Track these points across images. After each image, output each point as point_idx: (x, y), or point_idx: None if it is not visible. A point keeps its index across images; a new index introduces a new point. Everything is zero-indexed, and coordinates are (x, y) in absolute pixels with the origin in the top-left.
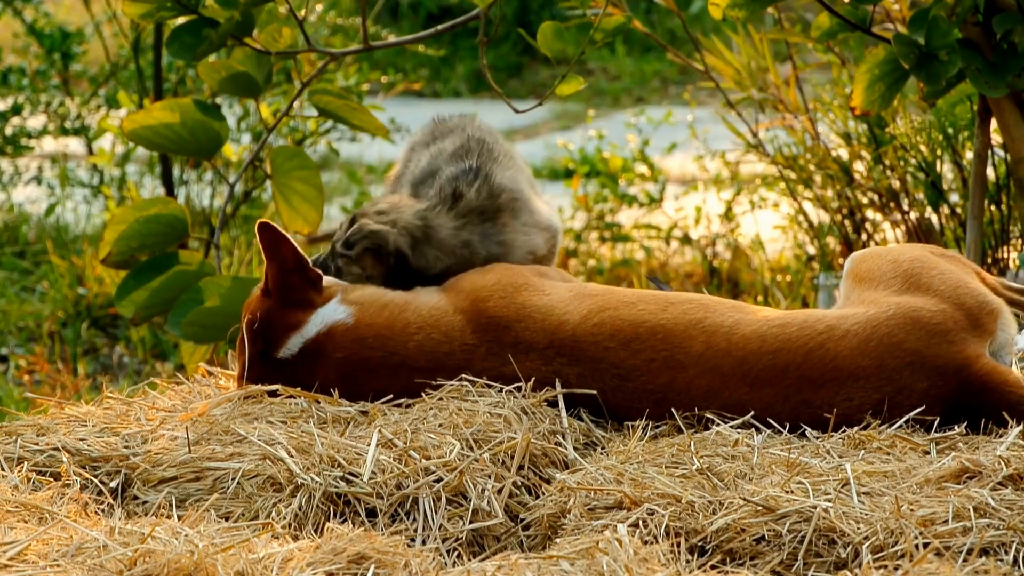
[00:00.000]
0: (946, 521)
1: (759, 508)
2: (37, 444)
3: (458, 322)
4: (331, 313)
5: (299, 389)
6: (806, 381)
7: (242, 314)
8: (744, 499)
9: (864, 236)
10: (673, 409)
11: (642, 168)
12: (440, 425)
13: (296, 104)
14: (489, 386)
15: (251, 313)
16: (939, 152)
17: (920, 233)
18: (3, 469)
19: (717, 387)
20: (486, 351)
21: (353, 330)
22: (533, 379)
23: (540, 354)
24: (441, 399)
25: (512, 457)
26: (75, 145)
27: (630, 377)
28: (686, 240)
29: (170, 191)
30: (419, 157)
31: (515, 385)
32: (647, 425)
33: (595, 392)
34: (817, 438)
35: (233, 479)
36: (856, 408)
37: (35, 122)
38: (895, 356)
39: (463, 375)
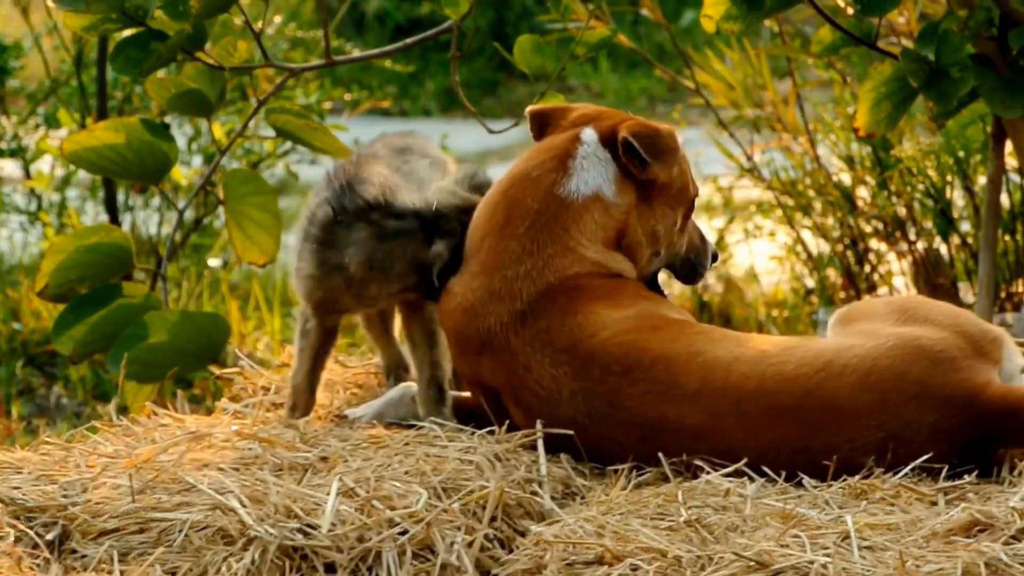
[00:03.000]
0: None
1: (752, 564)
2: None
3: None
4: None
5: (255, 433)
6: (804, 425)
7: None
8: (736, 554)
9: (867, 267)
10: (660, 450)
11: None
12: (406, 472)
13: (252, 124)
14: (460, 430)
15: None
16: (949, 177)
17: (928, 264)
18: None
19: (710, 428)
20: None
21: None
22: (508, 422)
23: (553, 357)
24: (407, 444)
25: (484, 507)
26: (11, 168)
27: (622, 406)
28: None
29: (114, 218)
30: None
31: (488, 429)
32: (631, 471)
33: (571, 432)
34: (815, 487)
35: (180, 531)
36: (860, 450)
37: None
38: (899, 389)
39: (432, 418)
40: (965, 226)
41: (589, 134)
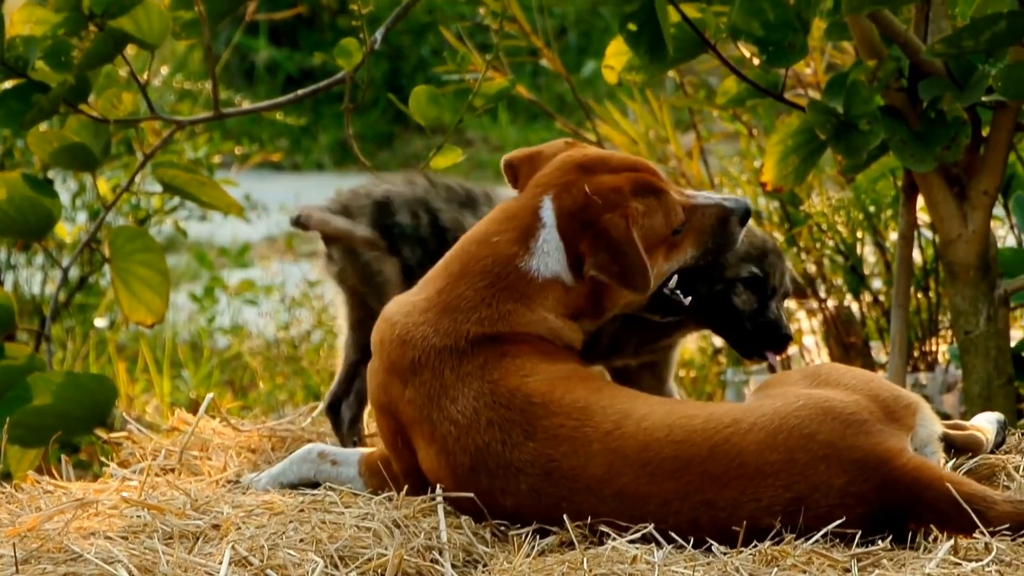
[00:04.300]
0: None
1: None
2: None
3: None
4: None
5: (144, 500)
6: (709, 478)
7: None
8: None
9: None
10: (564, 488)
11: None
12: (301, 540)
13: (138, 178)
14: (356, 495)
15: None
16: (860, 233)
17: (839, 323)
18: None
19: (616, 471)
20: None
21: None
22: (406, 487)
23: (479, 388)
24: (302, 510)
25: None
26: None
27: (535, 435)
28: None
29: None
30: None
31: (386, 495)
32: (534, 535)
33: (472, 495)
34: (725, 553)
35: None
36: (765, 509)
37: None
38: (807, 449)
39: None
40: (877, 283)
41: (548, 214)
